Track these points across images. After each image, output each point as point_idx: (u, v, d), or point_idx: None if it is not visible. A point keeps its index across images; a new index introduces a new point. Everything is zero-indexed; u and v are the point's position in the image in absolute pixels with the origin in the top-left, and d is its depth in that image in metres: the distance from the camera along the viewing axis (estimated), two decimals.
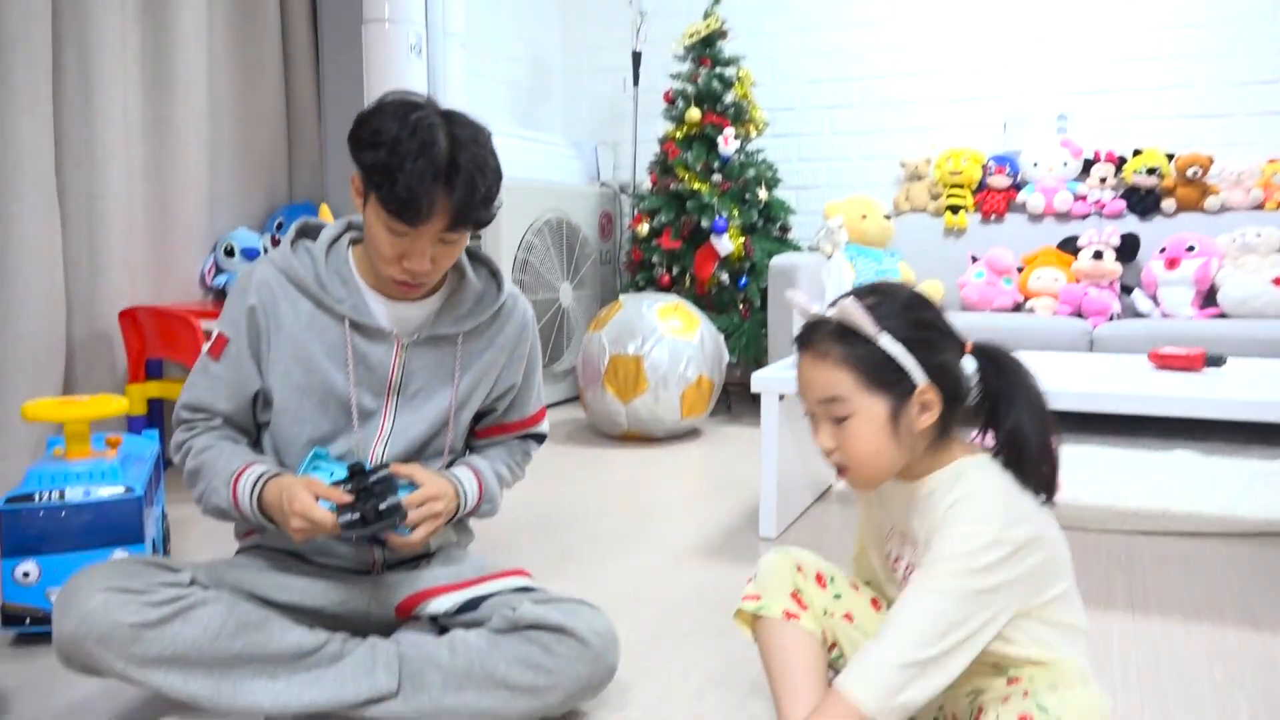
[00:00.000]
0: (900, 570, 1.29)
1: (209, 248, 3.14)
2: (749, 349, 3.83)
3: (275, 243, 3.30)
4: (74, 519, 1.68)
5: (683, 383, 3.36)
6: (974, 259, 3.91)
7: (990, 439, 1.25)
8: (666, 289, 3.95)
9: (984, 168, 4.08)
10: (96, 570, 1.33)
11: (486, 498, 1.58)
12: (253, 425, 1.53)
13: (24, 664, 1.62)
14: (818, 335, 1.21)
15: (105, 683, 1.34)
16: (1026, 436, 1.20)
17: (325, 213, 3.15)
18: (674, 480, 2.98)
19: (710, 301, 3.91)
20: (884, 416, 1.18)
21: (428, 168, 1.32)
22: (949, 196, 4.10)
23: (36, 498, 1.67)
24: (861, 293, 1.22)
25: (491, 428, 1.67)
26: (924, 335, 1.19)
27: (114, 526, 1.71)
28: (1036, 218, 4.00)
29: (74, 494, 1.69)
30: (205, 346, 1.50)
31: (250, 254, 3.12)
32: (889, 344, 1.17)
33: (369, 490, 1.36)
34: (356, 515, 1.34)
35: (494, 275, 1.61)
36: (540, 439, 1.73)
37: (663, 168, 4.00)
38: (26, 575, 1.66)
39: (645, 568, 2.15)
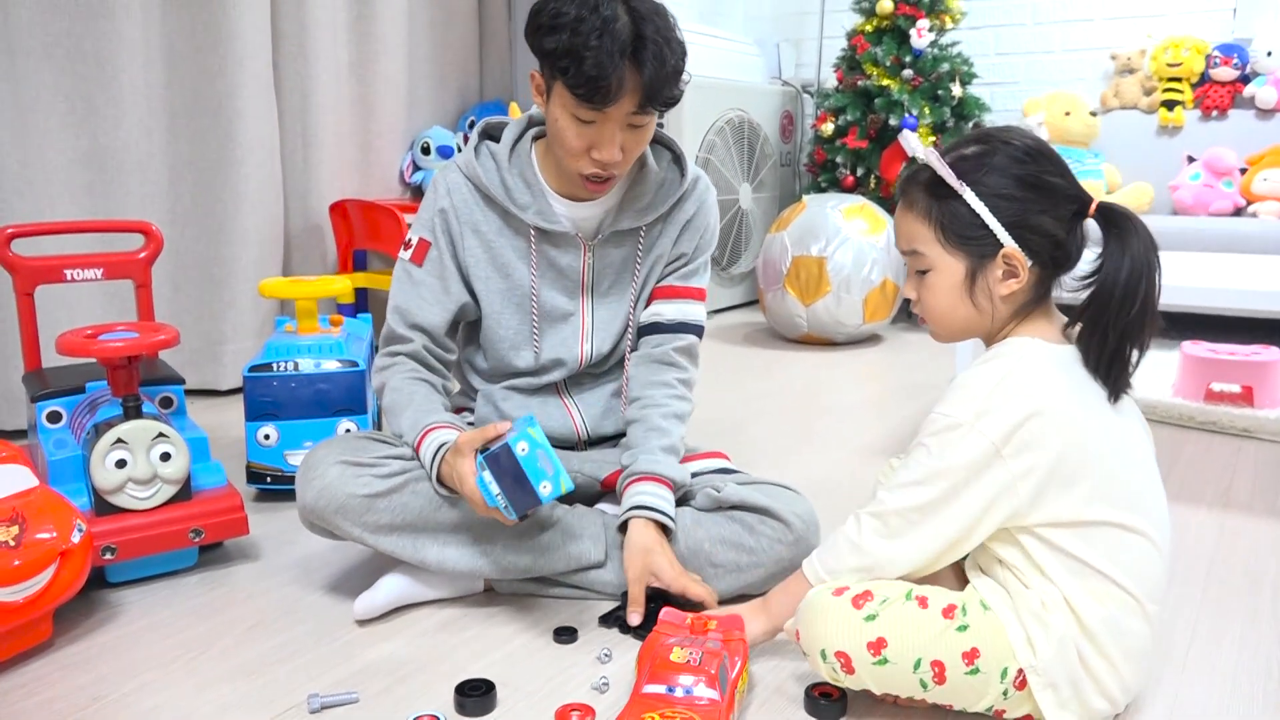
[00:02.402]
0: None
1: (407, 145, 3.27)
2: None
3: (469, 140, 3.39)
4: (306, 388, 1.82)
5: (866, 286, 3.29)
6: (1190, 159, 3.61)
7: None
8: (849, 191, 3.84)
9: (1208, 59, 3.73)
10: (330, 445, 1.43)
11: (679, 486, 1.48)
12: (452, 344, 1.54)
13: (267, 516, 1.79)
14: (912, 184, 1.15)
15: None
16: (1114, 287, 1.06)
17: (515, 111, 3.21)
18: (856, 383, 2.95)
19: (895, 205, 3.77)
20: (959, 276, 1.13)
21: (613, 44, 1.27)
22: (1165, 91, 3.78)
23: (275, 367, 1.81)
24: (966, 140, 1.14)
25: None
26: (1021, 194, 1.09)
27: (341, 397, 1.84)
28: (1266, 113, 3.64)
29: (306, 365, 1.83)
30: (405, 255, 1.51)
31: (445, 151, 3.22)
32: (973, 200, 1.09)
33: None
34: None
35: (677, 160, 1.56)
36: (698, 332, 1.59)
37: (850, 64, 3.86)
38: (267, 438, 1.82)
39: (834, 460, 2.15)
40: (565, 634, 1.35)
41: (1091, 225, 1.12)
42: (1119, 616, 1.09)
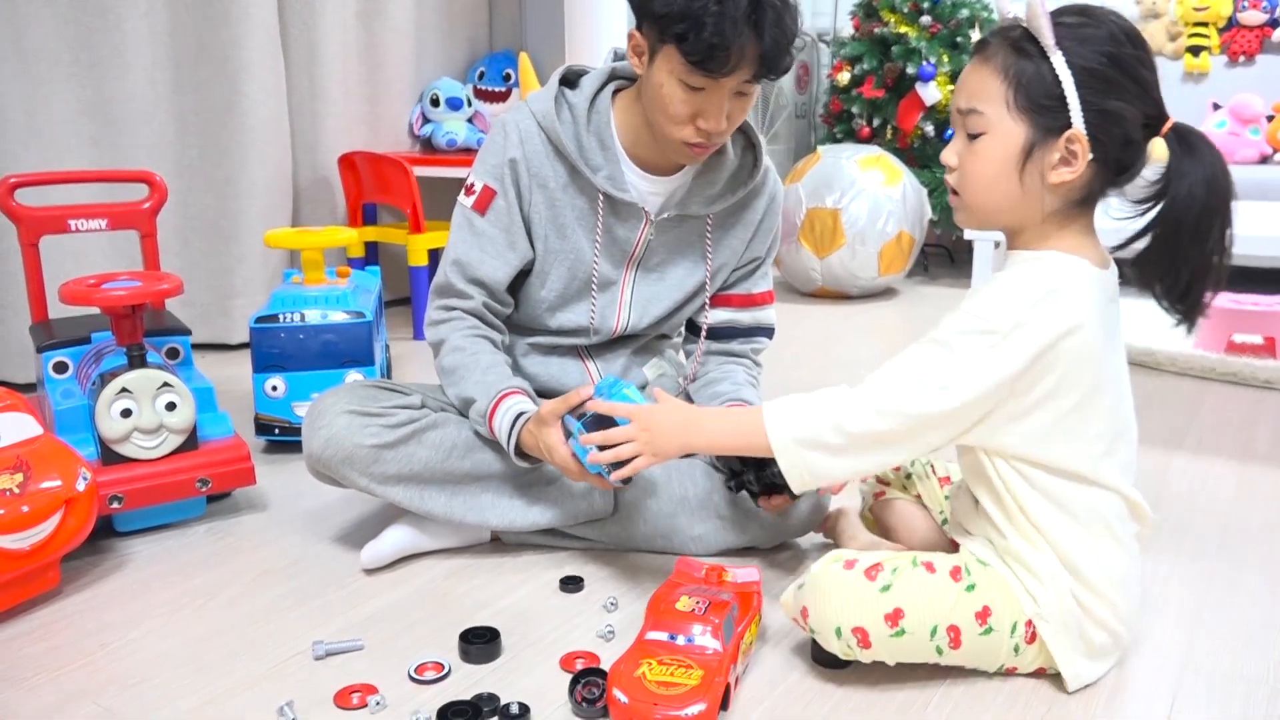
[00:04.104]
0: None
1: (416, 97, 3.22)
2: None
3: (477, 92, 3.34)
4: (313, 339, 1.81)
5: (882, 238, 3.25)
6: (1215, 106, 3.53)
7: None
8: (866, 141, 3.78)
9: (1235, 1, 3.63)
10: (338, 393, 1.41)
11: None
12: (510, 300, 1.47)
13: (275, 467, 1.79)
14: (998, 38, 1.06)
15: (347, 490, 1.44)
16: (1188, 213, 1.01)
17: (525, 61, 3.16)
18: (871, 336, 2.91)
19: (912, 155, 3.72)
20: (1015, 148, 1.04)
21: (735, 9, 1.20)
22: (1190, 36, 3.68)
23: (281, 318, 1.80)
24: (1067, 9, 1.04)
25: (715, 297, 1.57)
26: (1108, 72, 1.00)
27: (348, 348, 1.82)
28: None
29: (313, 316, 1.81)
30: (466, 201, 1.42)
31: (454, 104, 3.18)
32: (1060, 65, 1.00)
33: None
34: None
35: (752, 146, 1.49)
36: (769, 333, 1.62)
37: (866, 11, 3.78)
38: (275, 389, 1.81)
39: None
40: (571, 583, 1.34)
41: (1157, 146, 1.04)
42: (1100, 550, 1.08)
